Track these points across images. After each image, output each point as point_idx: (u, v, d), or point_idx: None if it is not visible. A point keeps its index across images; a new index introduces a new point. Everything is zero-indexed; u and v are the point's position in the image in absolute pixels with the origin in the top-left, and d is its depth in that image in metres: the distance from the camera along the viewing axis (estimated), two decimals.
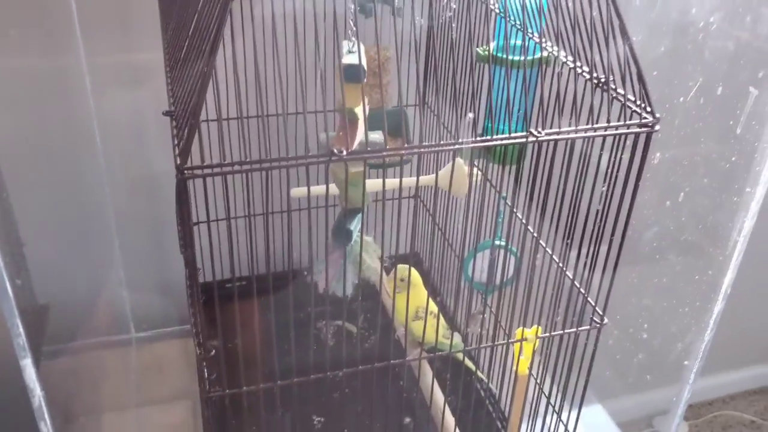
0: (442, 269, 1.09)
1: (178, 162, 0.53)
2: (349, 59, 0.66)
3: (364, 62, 0.66)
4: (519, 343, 0.75)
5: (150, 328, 1.21)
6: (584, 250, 0.72)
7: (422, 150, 0.60)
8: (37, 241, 1.09)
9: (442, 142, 0.58)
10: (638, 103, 0.64)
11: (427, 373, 0.88)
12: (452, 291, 1.08)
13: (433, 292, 1.15)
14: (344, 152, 0.55)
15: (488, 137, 0.60)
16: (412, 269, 0.84)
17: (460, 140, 0.60)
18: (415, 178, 0.91)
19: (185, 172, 0.52)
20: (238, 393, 0.68)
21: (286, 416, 0.90)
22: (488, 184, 0.90)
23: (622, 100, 0.64)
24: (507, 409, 0.89)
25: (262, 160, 0.55)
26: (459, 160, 0.89)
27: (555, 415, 0.83)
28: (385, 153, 0.57)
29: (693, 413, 1.95)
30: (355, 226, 0.77)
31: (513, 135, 0.60)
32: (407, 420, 0.98)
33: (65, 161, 1.09)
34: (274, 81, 0.59)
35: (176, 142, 0.57)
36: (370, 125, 0.69)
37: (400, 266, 0.85)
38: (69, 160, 1.09)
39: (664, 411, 1.04)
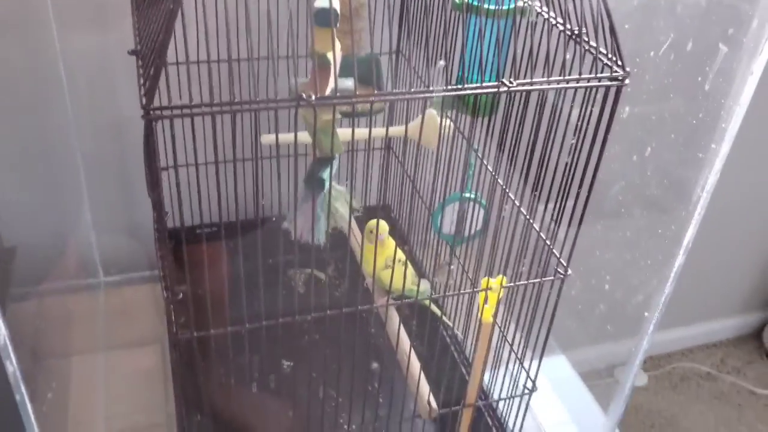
0: (412, 219, 1.10)
1: (144, 102, 0.52)
2: (320, 2, 0.64)
3: (337, 6, 0.65)
4: (484, 292, 0.76)
5: (119, 272, 1.21)
6: (551, 203, 0.73)
7: (392, 98, 0.59)
8: (2, 183, 1.07)
9: (413, 90, 0.58)
10: (609, 56, 0.64)
11: (394, 319, 0.89)
12: (421, 241, 1.09)
13: (402, 241, 1.16)
14: (313, 97, 0.54)
15: (460, 86, 0.60)
16: (382, 221, 0.84)
17: (431, 88, 0.59)
18: (385, 129, 0.91)
19: (151, 112, 0.51)
20: (206, 336, 0.68)
21: (254, 360, 0.91)
22: (459, 136, 0.90)
23: (594, 52, 0.64)
24: (471, 355, 0.91)
25: (229, 103, 0.54)
26: (431, 111, 0.88)
27: (517, 362, 0.85)
28: (355, 99, 0.57)
29: (653, 365, 2.01)
30: (327, 174, 0.77)
31: (485, 84, 0.60)
32: (375, 365, 0.99)
33: (30, 101, 1.06)
34: (237, 24, 0.58)
35: (142, 81, 0.55)
36: (344, 72, 0.68)
37: (371, 222, 0.85)
38: (34, 100, 1.06)
39: (625, 362, 1.07)
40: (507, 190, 0.78)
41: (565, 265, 0.76)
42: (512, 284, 0.77)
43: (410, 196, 1.09)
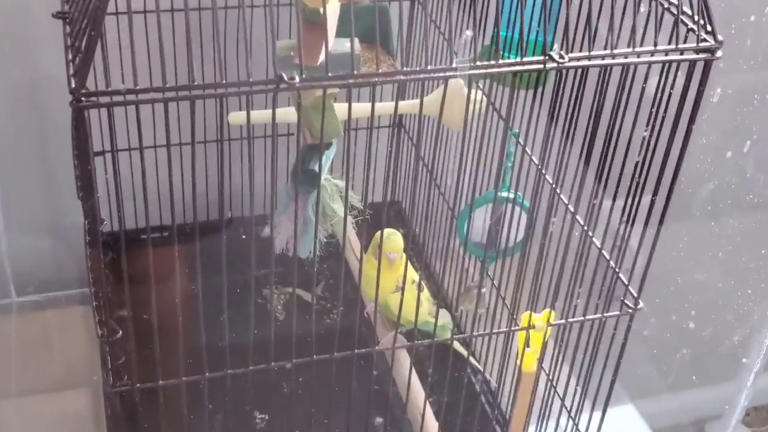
0: (429, 224, 1.10)
1: (74, 86, 0.53)
2: None
3: None
4: (524, 332, 0.78)
5: (37, 291, 1.22)
6: (618, 210, 0.74)
7: (403, 78, 0.61)
8: None
9: (429, 68, 0.59)
10: (696, 19, 0.65)
11: (404, 361, 0.91)
12: (441, 255, 1.10)
13: (418, 255, 1.17)
14: (296, 79, 0.56)
15: (493, 62, 0.61)
16: (395, 234, 0.86)
17: (454, 64, 0.60)
18: (394, 104, 0.92)
19: (82, 99, 0.53)
20: (152, 387, 0.70)
21: (217, 414, 0.93)
22: (495, 114, 0.91)
23: (676, 13, 0.65)
24: (508, 409, 0.92)
25: (186, 86, 0.55)
26: (458, 81, 0.89)
27: (570, 421, 0.87)
28: (352, 82, 0.58)
29: (759, 418, 2.02)
30: (321, 166, 0.78)
31: (525, 60, 0.61)
32: (379, 420, 1.01)
33: None
34: None
35: (71, 57, 0.57)
36: (343, 27, 0.69)
37: (380, 233, 0.86)
38: None
39: (717, 416, 1.08)
40: (558, 191, 0.79)
41: (635, 295, 0.77)
42: (563, 321, 0.78)
43: (427, 191, 1.10)
